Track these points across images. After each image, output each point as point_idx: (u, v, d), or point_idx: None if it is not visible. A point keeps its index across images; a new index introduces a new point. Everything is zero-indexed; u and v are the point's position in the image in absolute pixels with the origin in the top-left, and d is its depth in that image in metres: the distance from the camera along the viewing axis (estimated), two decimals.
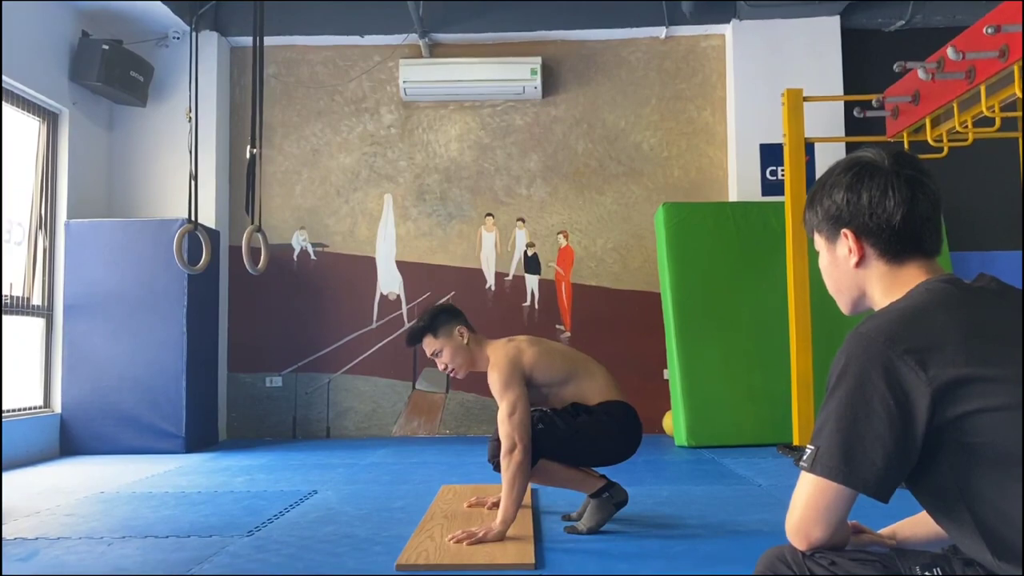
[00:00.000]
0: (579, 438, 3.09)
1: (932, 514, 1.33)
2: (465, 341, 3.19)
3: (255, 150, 4.68)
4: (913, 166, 1.38)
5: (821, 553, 1.27)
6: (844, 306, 1.46)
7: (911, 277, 1.35)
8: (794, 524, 1.28)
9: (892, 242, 1.35)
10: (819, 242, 1.46)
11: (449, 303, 3.36)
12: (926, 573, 1.23)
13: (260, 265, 4.75)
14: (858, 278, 1.40)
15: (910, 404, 1.19)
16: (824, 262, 1.46)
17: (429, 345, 3.21)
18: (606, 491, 3.13)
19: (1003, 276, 1.38)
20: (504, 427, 2.97)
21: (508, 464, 2.93)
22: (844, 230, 1.39)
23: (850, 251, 1.39)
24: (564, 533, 3.13)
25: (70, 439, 5.72)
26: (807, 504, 1.26)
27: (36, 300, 5.79)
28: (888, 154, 1.39)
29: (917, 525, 1.52)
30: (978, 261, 6.27)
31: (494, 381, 3.06)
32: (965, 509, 1.21)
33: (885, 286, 1.37)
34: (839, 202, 1.39)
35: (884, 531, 1.54)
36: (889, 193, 1.35)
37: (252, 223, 4.67)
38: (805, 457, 1.27)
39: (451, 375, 3.25)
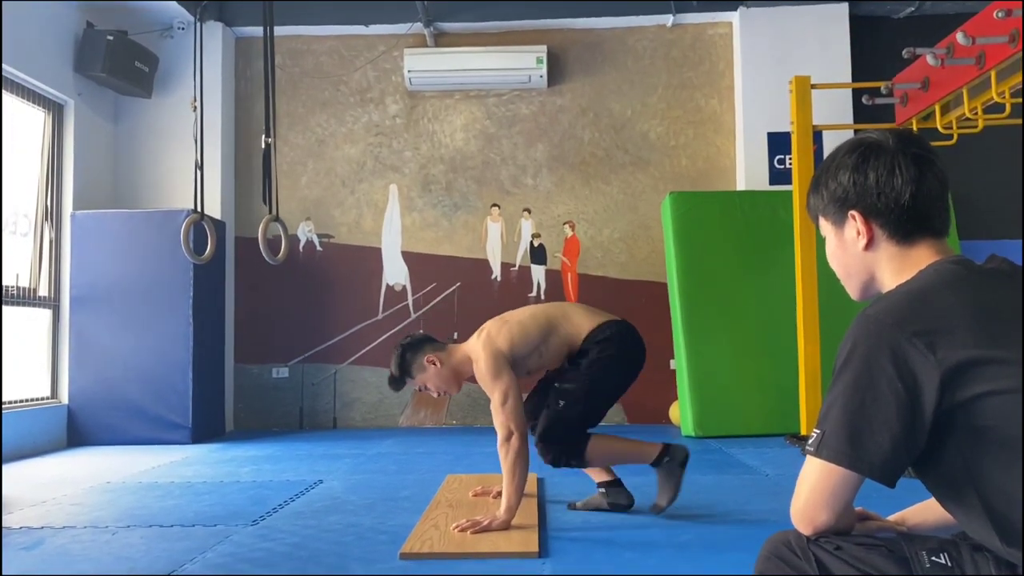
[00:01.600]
0: (595, 382, 3.10)
1: (940, 499, 1.30)
2: (440, 365, 3.14)
3: (269, 140, 4.68)
4: (919, 145, 1.35)
5: (826, 538, 1.25)
6: (853, 291, 1.43)
7: (921, 258, 1.32)
8: (799, 509, 1.26)
9: (901, 222, 1.32)
10: (825, 227, 1.43)
11: (407, 338, 3.23)
12: (933, 558, 1.21)
13: (280, 255, 4.73)
14: (867, 261, 1.37)
15: (918, 387, 1.17)
16: (831, 247, 1.43)
17: (414, 384, 3.19)
18: (666, 455, 3.14)
19: None
20: (498, 416, 2.96)
21: (507, 452, 2.92)
22: (851, 212, 1.36)
23: (858, 233, 1.35)
24: (568, 521, 3.12)
25: (77, 430, 5.74)
26: (812, 488, 1.24)
27: (43, 291, 5.80)
28: (893, 134, 1.36)
29: (926, 511, 1.50)
30: (987, 249, 6.20)
31: (481, 374, 3.05)
32: (974, 494, 1.18)
33: (895, 268, 1.34)
34: (845, 183, 1.36)
35: (892, 517, 1.51)
36: (896, 172, 1.32)
37: (270, 212, 4.67)
38: (811, 441, 1.25)
39: (447, 395, 3.25)
